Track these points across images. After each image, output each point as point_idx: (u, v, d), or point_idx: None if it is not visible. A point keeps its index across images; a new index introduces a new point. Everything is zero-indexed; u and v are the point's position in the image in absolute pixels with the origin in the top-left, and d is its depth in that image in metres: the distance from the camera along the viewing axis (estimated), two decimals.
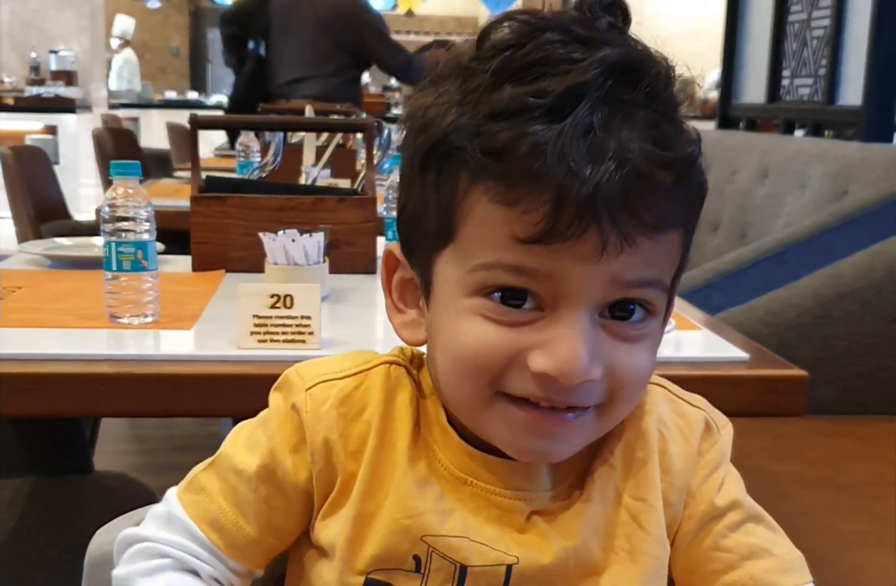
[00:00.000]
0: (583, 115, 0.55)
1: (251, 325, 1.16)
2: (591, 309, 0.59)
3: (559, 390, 0.59)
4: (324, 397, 0.68)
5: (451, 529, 0.65)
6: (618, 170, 0.55)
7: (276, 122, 2.38)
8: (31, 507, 1.52)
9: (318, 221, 1.57)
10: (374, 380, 0.68)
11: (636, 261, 0.58)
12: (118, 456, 2.87)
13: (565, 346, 0.58)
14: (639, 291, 0.60)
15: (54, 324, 1.26)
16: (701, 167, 0.60)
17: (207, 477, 0.71)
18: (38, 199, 2.98)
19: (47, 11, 7.84)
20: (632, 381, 0.62)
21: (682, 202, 0.60)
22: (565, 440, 0.63)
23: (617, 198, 0.55)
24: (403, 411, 0.68)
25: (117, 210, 1.25)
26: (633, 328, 0.60)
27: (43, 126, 7.58)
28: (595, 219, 0.55)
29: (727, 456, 0.72)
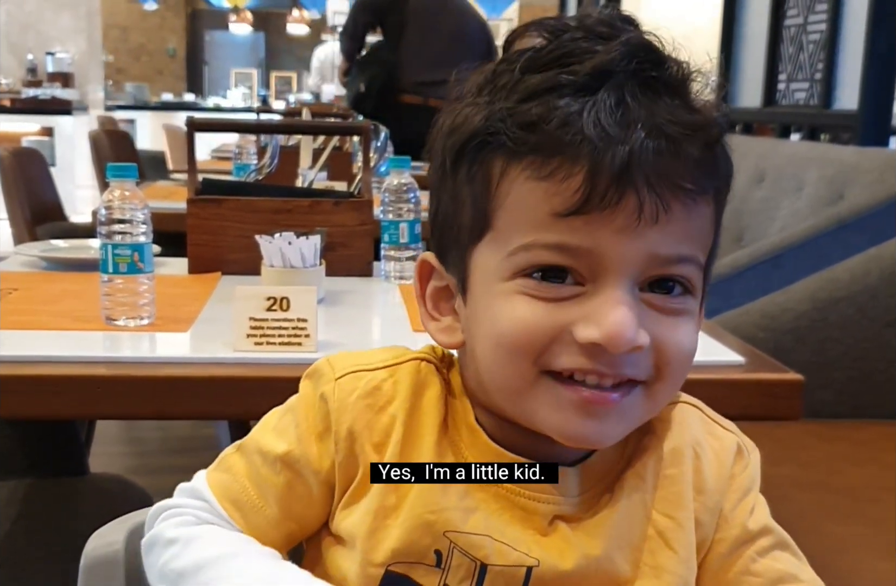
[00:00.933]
0: (613, 88, 0.58)
1: (247, 328, 1.15)
2: (631, 283, 0.59)
3: (608, 361, 0.59)
4: (352, 387, 0.68)
5: (474, 527, 0.65)
6: (650, 135, 0.57)
7: (273, 125, 2.38)
8: (26, 509, 1.51)
9: (314, 224, 1.57)
10: (404, 375, 0.69)
11: (672, 235, 0.59)
12: (114, 458, 2.86)
13: (612, 314, 0.58)
14: (677, 268, 0.60)
15: (50, 326, 1.26)
16: (727, 144, 0.62)
17: (234, 458, 0.72)
18: (35, 201, 2.98)
19: (44, 13, 7.84)
20: (678, 356, 0.62)
21: (713, 173, 0.61)
22: (613, 422, 0.62)
23: (651, 162, 0.57)
24: (431, 407, 0.68)
25: (114, 212, 1.25)
26: (674, 301, 0.61)
27: (39, 128, 7.58)
28: (631, 183, 0.56)
29: (757, 481, 0.72)
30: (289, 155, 2.26)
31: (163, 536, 0.70)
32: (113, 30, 12.02)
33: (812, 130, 3.58)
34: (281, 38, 13.26)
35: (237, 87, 11.73)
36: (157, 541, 0.71)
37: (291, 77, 12.54)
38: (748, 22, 3.94)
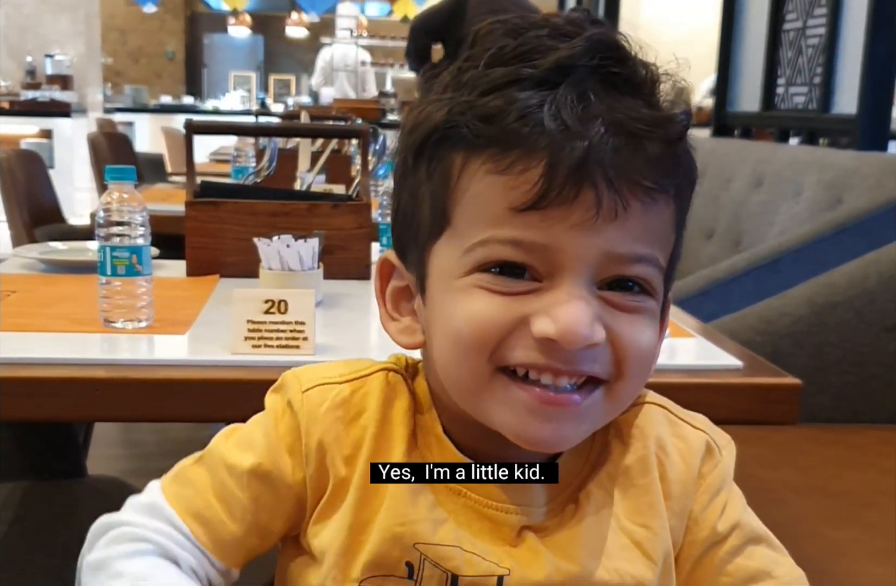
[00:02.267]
0: (574, 83, 0.57)
1: (245, 331, 1.15)
2: (588, 280, 0.59)
3: (563, 357, 0.58)
4: (320, 399, 0.67)
5: (443, 538, 0.65)
6: (610, 131, 0.57)
7: (271, 128, 2.38)
8: (23, 512, 1.51)
9: (312, 227, 1.57)
10: (373, 386, 0.68)
11: (630, 233, 0.58)
12: (111, 461, 2.86)
13: (567, 309, 0.57)
14: (635, 268, 0.59)
15: (48, 328, 1.26)
16: (689, 145, 0.61)
17: (196, 471, 0.70)
18: (33, 203, 2.98)
19: (43, 16, 7.84)
20: (637, 352, 0.61)
21: (673, 171, 0.60)
22: (572, 424, 0.61)
23: (611, 158, 0.56)
24: (400, 418, 0.67)
25: (112, 214, 1.25)
26: (632, 299, 0.60)
27: (38, 130, 7.58)
28: (589, 178, 0.56)
29: (729, 476, 0.71)
30: (287, 158, 2.26)
31: (111, 566, 0.66)
32: (112, 32, 12.02)
33: (811, 135, 3.59)
34: (280, 42, 13.27)
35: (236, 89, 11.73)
36: (103, 568, 0.67)
37: (290, 80, 12.55)
38: (747, 26, 3.95)
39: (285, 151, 2.53)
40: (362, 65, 10.47)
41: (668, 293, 0.65)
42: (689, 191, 0.63)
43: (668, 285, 0.64)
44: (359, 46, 10.59)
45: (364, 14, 11.88)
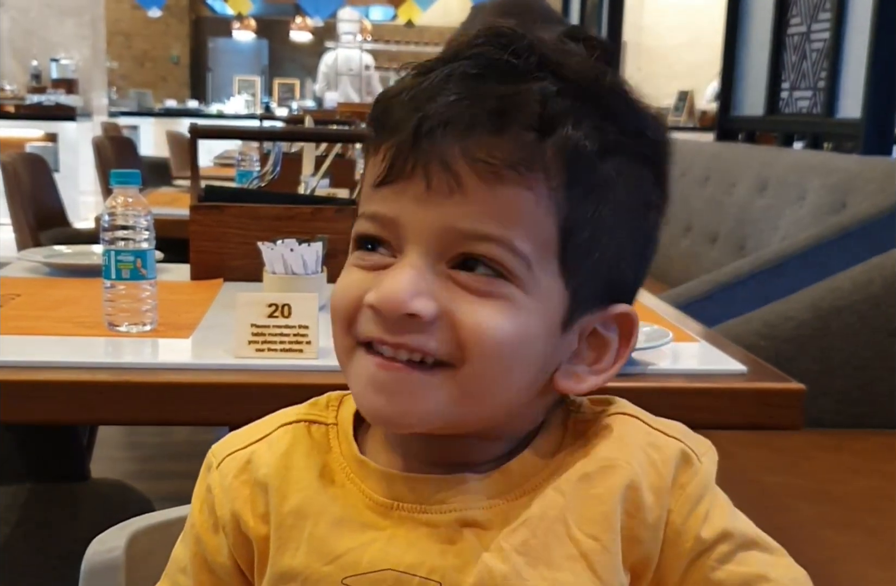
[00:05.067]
0: (448, 69, 0.59)
1: (249, 334, 1.16)
2: (430, 254, 0.58)
3: (391, 327, 0.58)
4: (228, 470, 0.68)
5: (371, 563, 0.62)
6: (451, 109, 0.57)
7: (275, 132, 2.39)
8: (27, 514, 1.51)
9: (316, 231, 1.58)
10: (272, 444, 0.68)
11: (471, 210, 0.57)
12: (115, 464, 2.86)
13: (392, 277, 0.58)
14: (480, 246, 0.57)
15: (53, 331, 1.27)
16: (580, 130, 0.57)
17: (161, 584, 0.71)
18: (38, 207, 2.99)
19: (48, 20, 7.86)
20: (479, 338, 0.58)
21: (544, 157, 0.57)
22: (407, 400, 0.59)
23: (445, 134, 0.56)
24: (302, 462, 0.66)
25: (117, 219, 1.26)
26: (479, 281, 0.58)
27: (43, 134, 7.60)
28: (423, 154, 0.57)
29: (711, 483, 0.67)
30: (291, 162, 2.27)
31: None
32: (117, 36, 12.04)
33: (815, 139, 3.59)
34: (284, 46, 13.28)
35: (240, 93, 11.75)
36: None
37: (294, 84, 12.56)
38: (751, 30, 3.95)
39: (289, 155, 2.53)
40: (366, 69, 10.48)
41: (580, 289, 0.61)
42: (576, 181, 0.58)
43: (572, 278, 0.60)
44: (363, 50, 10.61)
45: (368, 18, 11.90)
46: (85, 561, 0.81)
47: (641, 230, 0.63)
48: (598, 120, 0.59)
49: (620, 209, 0.60)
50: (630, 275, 0.64)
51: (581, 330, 0.62)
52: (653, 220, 0.64)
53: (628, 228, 0.61)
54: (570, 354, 0.63)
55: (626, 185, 0.60)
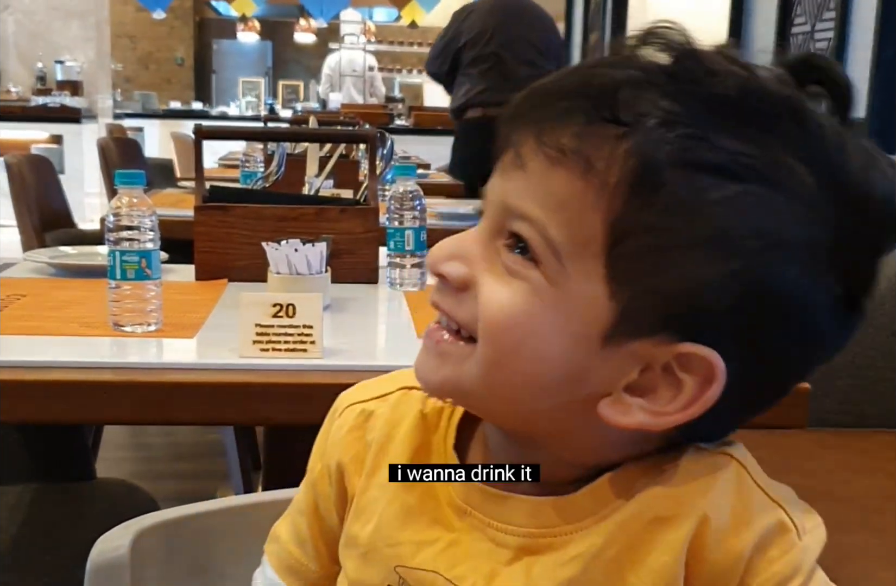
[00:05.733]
0: (575, 63, 0.59)
1: (253, 334, 1.16)
2: (492, 227, 0.58)
3: (437, 286, 0.60)
4: (345, 421, 0.69)
5: (422, 562, 0.62)
6: (549, 91, 0.56)
7: (280, 133, 2.39)
8: (32, 514, 1.52)
9: (320, 231, 1.58)
10: (389, 405, 0.68)
11: (522, 188, 0.56)
12: (120, 464, 2.87)
13: (445, 240, 0.60)
14: (518, 224, 0.56)
15: (58, 331, 1.27)
16: (673, 135, 0.52)
17: (281, 525, 0.74)
18: (44, 208, 2.99)
19: (53, 22, 7.88)
20: (485, 313, 0.56)
21: (612, 152, 0.53)
22: (433, 362, 0.60)
23: (532, 112, 0.56)
24: (405, 435, 0.66)
25: (122, 219, 1.26)
26: (513, 260, 0.56)
27: (48, 135, 7.62)
28: (510, 132, 0.57)
29: (808, 566, 0.59)
30: (295, 162, 2.27)
31: None
32: (121, 39, 12.06)
33: None
34: (288, 47, 13.30)
35: (245, 95, 11.76)
36: None
37: (298, 86, 12.57)
38: (755, 29, 3.95)
39: (293, 156, 2.54)
40: (370, 70, 10.49)
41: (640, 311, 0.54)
42: (657, 190, 0.52)
43: (639, 299, 0.54)
44: (366, 52, 10.62)
45: (372, 19, 11.91)
46: (90, 560, 0.81)
47: (747, 267, 0.53)
48: (719, 134, 0.52)
49: (707, 236, 0.53)
50: (725, 321, 0.54)
51: (635, 355, 0.55)
52: (778, 267, 0.53)
53: (719, 258, 0.53)
54: (625, 382, 0.56)
55: (735, 216, 0.52)
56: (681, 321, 0.54)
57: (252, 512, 0.91)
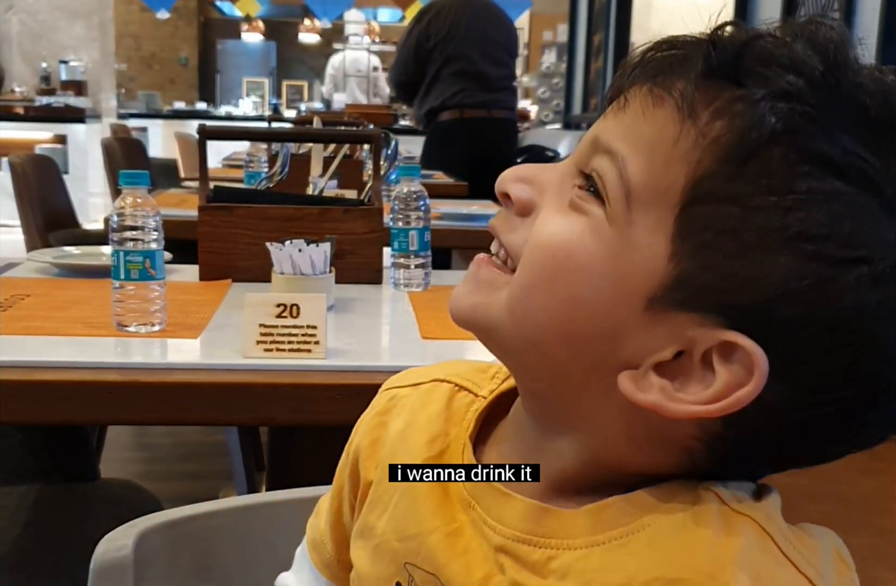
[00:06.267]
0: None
1: (257, 335, 1.16)
2: (575, 163, 0.56)
3: (500, 212, 0.58)
4: (377, 404, 0.69)
5: (426, 558, 0.60)
6: (670, 44, 0.54)
7: (284, 133, 2.39)
8: (36, 514, 1.52)
9: (324, 231, 1.58)
10: (419, 393, 0.68)
11: (617, 125, 0.53)
12: (124, 464, 2.87)
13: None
14: (598, 159, 0.53)
15: (62, 332, 1.27)
16: (766, 113, 0.48)
17: (324, 498, 0.74)
18: (47, 208, 2.99)
19: (57, 22, 7.89)
20: (532, 237, 0.54)
21: (720, 107, 0.50)
22: (469, 287, 0.57)
23: (654, 59, 0.54)
24: (426, 424, 0.65)
25: (126, 219, 1.26)
26: (578, 194, 0.54)
27: (52, 135, 7.62)
28: (626, 77, 0.55)
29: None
30: (299, 163, 2.27)
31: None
32: (125, 39, 12.09)
33: None
34: (292, 48, 13.32)
35: (249, 95, 11.78)
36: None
37: (303, 86, 12.59)
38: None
39: (297, 156, 2.54)
40: (374, 70, 10.50)
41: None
42: (754, 160, 0.48)
43: (697, 269, 0.49)
44: (370, 52, 10.62)
45: (376, 20, 11.91)
46: (94, 559, 0.81)
47: (829, 277, 0.47)
48: (840, 130, 0.48)
49: (793, 229, 0.47)
50: (787, 330, 0.48)
51: (676, 330, 0.50)
52: (863, 289, 0.47)
53: (800, 258, 0.47)
54: (656, 360, 0.51)
55: (831, 216, 0.47)
56: (737, 310, 0.49)
57: (256, 513, 0.91)
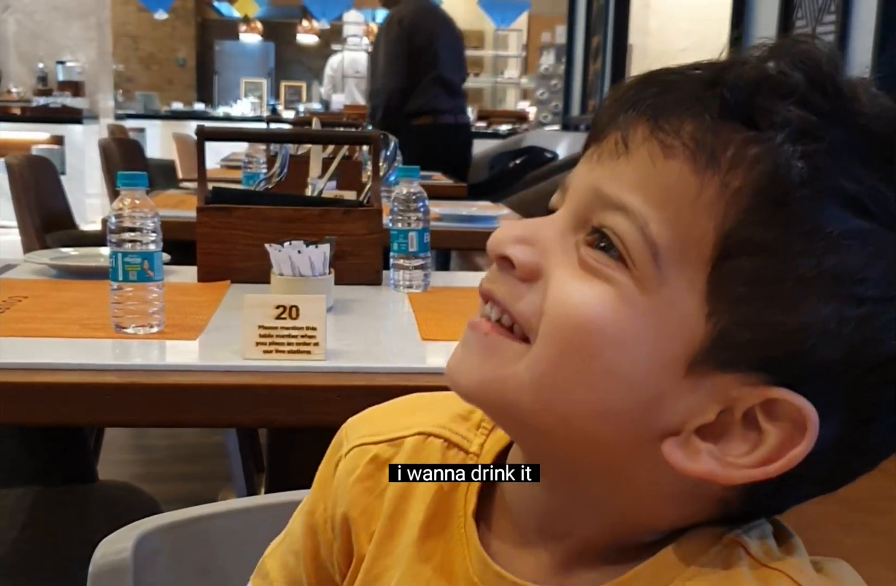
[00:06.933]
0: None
1: (256, 336, 1.16)
2: (574, 217, 0.51)
3: (492, 272, 0.53)
4: (353, 466, 0.61)
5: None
6: (655, 80, 0.51)
7: (282, 134, 2.39)
8: (34, 517, 1.51)
9: (323, 233, 1.58)
10: (405, 454, 0.60)
11: (622, 175, 0.49)
12: (122, 466, 2.87)
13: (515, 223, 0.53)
14: (611, 217, 0.49)
15: (59, 333, 1.27)
16: (781, 154, 0.46)
17: (271, 560, 0.67)
18: (45, 209, 2.99)
19: (54, 23, 7.88)
20: (554, 308, 0.49)
21: (738, 154, 0.47)
22: (473, 358, 0.52)
23: (652, 96, 0.49)
24: (423, 495, 0.59)
25: (124, 220, 1.26)
26: (595, 256, 0.49)
27: (50, 136, 7.61)
28: (614, 121, 0.51)
29: None
30: (298, 164, 2.27)
31: None
32: (123, 39, 12.08)
33: None
34: (291, 48, 13.31)
35: (247, 96, 11.77)
36: None
37: (301, 87, 12.59)
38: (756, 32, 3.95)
39: (296, 158, 2.53)
40: None
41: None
42: (788, 208, 0.46)
43: (737, 326, 0.47)
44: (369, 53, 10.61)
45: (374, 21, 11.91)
46: (93, 562, 0.81)
47: (867, 317, 0.47)
48: (856, 164, 0.47)
49: (828, 272, 0.46)
50: (831, 375, 0.47)
51: (718, 392, 0.48)
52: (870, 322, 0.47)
53: (837, 301, 0.46)
54: (699, 423, 0.48)
55: (863, 256, 0.46)
56: (781, 363, 0.47)
57: (256, 515, 0.91)
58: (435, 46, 4.57)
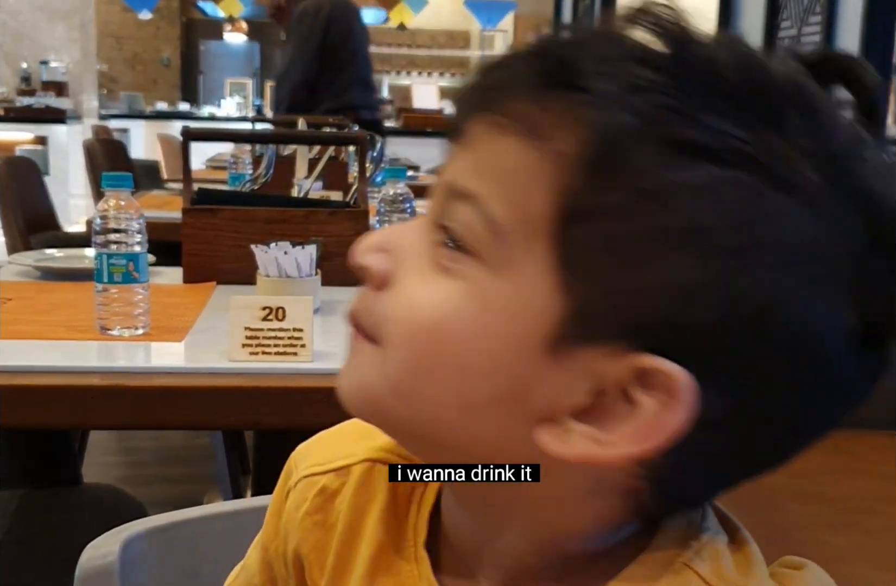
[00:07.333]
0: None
1: (243, 338, 1.15)
2: (431, 217, 0.49)
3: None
4: (302, 499, 0.59)
5: None
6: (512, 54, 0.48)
7: (268, 135, 2.38)
8: (19, 520, 1.50)
9: (310, 234, 1.57)
10: (353, 484, 0.58)
11: (463, 163, 0.48)
12: (107, 469, 2.85)
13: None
14: (454, 209, 0.47)
15: (44, 335, 1.26)
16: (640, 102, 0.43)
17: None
18: (28, 210, 2.98)
19: (38, 23, 7.85)
20: (394, 311, 0.48)
21: (566, 117, 0.44)
22: (347, 367, 0.51)
23: (479, 84, 0.48)
24: (373, 529, 0.56)
25: (109, 222, 1.25)
26: (443, 255, 0.47)
27: (33, 137, 7.58)
28: (460, 112, 0.49)
29: None
30: (284, 164, 2.26)
31: None
32: (107, 39, 12.02)
33: None
34: (276, 48, 13.28)
35: (232, 96, 11.74)
36: None
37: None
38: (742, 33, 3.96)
39: (282, 158, 2.53)
40: None
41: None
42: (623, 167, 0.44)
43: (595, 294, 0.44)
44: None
45: None
46: (79, 566, 0.80)
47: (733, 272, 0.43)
48: (705, 111, 0.43)
49: (679, 228, 0.43)
50: (704, 340, 0.44)
51: (586, 369, 0.45)
52: (772, 275, 0.43)
53: (695, 258, 0.43)
54: (572, 406, 0.46)
55: (718, 206, 0.43)
56: (647, 332, 0.44)
57: (243, 518, 0.90)
58: (351, 42, 4.53)
